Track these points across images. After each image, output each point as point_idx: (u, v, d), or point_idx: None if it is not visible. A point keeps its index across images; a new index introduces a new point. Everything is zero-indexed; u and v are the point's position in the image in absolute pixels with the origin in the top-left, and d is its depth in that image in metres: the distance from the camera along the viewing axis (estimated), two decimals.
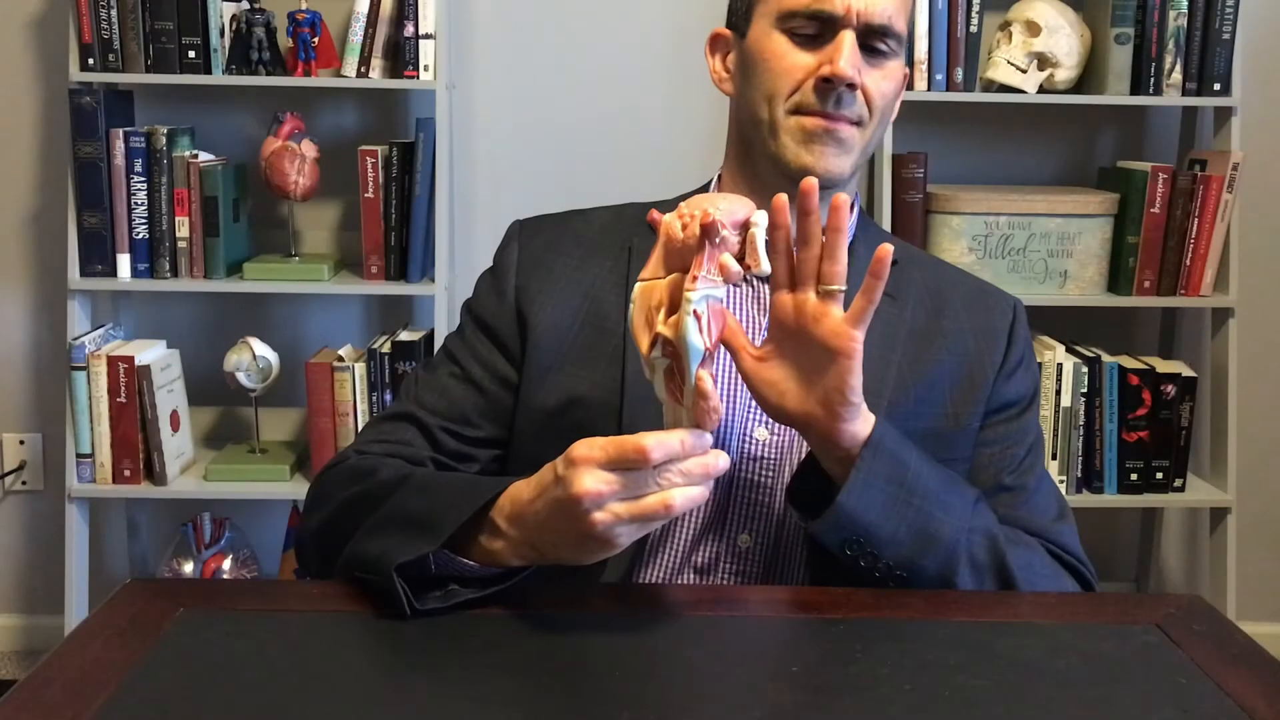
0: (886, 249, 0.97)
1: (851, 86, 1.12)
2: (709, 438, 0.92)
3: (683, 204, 0.95)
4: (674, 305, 0.92)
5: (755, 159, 1.20)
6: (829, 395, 1.00)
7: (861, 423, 1.02)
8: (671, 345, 0.91)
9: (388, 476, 1.08)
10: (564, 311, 1.21)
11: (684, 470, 0.90)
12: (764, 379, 1.02)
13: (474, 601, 0.96)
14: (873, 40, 1.14)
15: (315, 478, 1.19)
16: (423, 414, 1.20)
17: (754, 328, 1.20)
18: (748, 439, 1.16)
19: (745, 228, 0.95)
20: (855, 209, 1.25)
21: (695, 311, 0.90)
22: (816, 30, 1.14)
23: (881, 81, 1.16)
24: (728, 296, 1.20)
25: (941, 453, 1.16)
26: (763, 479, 1.16)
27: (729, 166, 1.25)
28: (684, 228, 0.93)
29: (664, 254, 0.95)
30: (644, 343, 0.93)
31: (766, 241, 1.13)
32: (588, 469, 0.89)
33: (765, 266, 0.95)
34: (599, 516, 0.89)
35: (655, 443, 0.88)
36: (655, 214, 0.96)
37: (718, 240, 0.92)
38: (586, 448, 0.90)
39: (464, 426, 1.21)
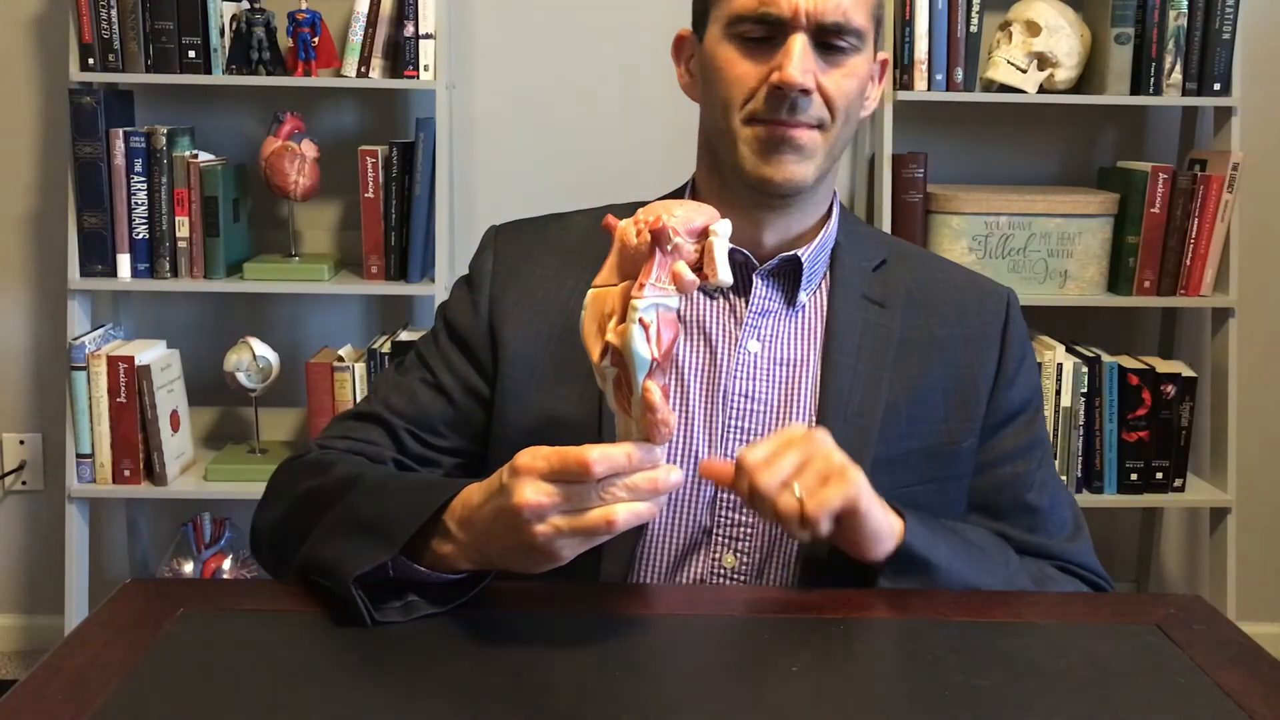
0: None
1: (806, 92, 1.08)
2: (659, 452, 0.89)
3: (641, 210, 0.91)
4: (626, 313, 0.89)
5: (722, 168, 1.16)
6: (848, 547, 1.03)
7: (887, 540, 1.03)
8: (619, 354, 0.88)
9: (343, 473, 1.06)
10: (539, 326, 1.18)
11: (630, 485, 0.87)
12: None
13: (466, 604, 0.95)
14: (828, 39, 1.09)
15: (275, 470, 1.17)
16: (389, 416, 1.18)
17: (729, 341, 1.17)
18: (730, 459, 1.13)
19: (703, 235, 0.91)
20: (835, 207, 1.22)
21: (642, 320, 0.86)
22: (767, 33, 1.09)
23: (842, 81, 1.11)
24: (706, 311, 1.18)
25: (938, 472, 1.15)
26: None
27: (700, 171, 1.22)
28: (638, 234, 0.90)
29: (618, 260, 0.91)
30: (595, 351, 0.90)
31: (732, 251, 1.11)
32: (529, 479, 0.87)
33: (723, 277, 0.90)
34: (540, 529, 0.87)
35: (598, 455, 0.86)
36: (611, 219, 0.93)
37: (670, 247, 0.88)
38: (530, 457, 0.88)
39: (430, 434, 1.19)
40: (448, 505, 0.95)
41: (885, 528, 1.02)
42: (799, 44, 1.08)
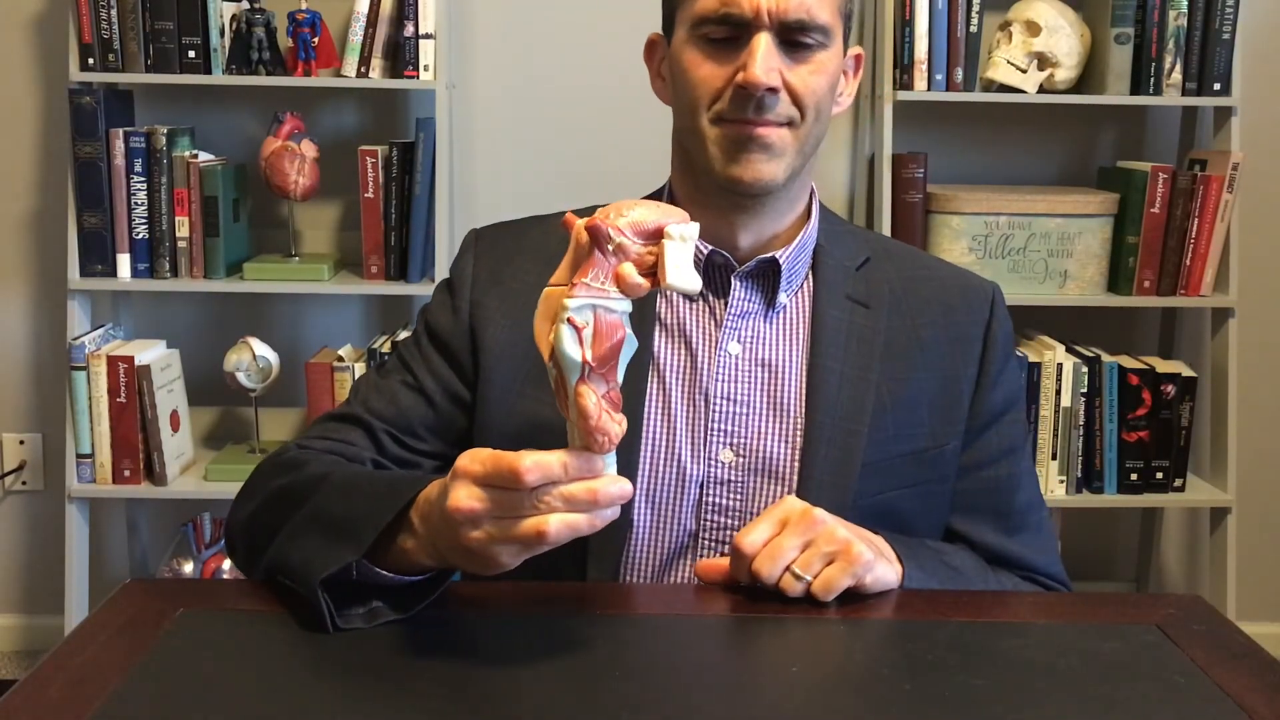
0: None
1: (773, 90, 1.07)
2: (600, 461, 0.85)
3: (600, 209, 0.88)
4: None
5: (694, 169, 1.16)
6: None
7: (887, 588, 1.03)
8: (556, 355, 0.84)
9: (314, 472, 1.05)
10: (520, 331, 1.15)
11: (566, 495, 0.84)
12: None
13: (467, 604, 0.95)
14: (793, 35, 1.08)
15: (253, 470, 1.16)
16: (369, 418, 1.17)
17: (709, 344, 1.16)
18: (714, 462, 1.14)
19: (656, 237, 0.87)
20: (815, 206, 1.21)
21: (572, 320, 0.83)
22: (730, 33, 1.08)
23: (810, 77, 1.09)
24: (686, 313, 1.17)
25: (923, 476, 1.15)
26: (731, 502, 1.14)
27: (674, 174, 1.22)
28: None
29: (572, 259, 0.87)
30: (545, 351, 0.86)
31: (712, 253, 1.10)
32: (464, 484, 0.85)
33: (674, 282, 0.85)
34: (473, 534, 0.85)
35: (531, 464, 0.82)
36: (570, 216, 0.90)
37: (611, 248, 0.85)
38: (468, 460, 0.86)
39: (410, 437, 1.18)
40: (413, 502, 0.94)
41: (886, 581, 1.03)
42: (763, 43, 1.07)
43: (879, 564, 1.01)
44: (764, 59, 1.06)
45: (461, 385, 1.19)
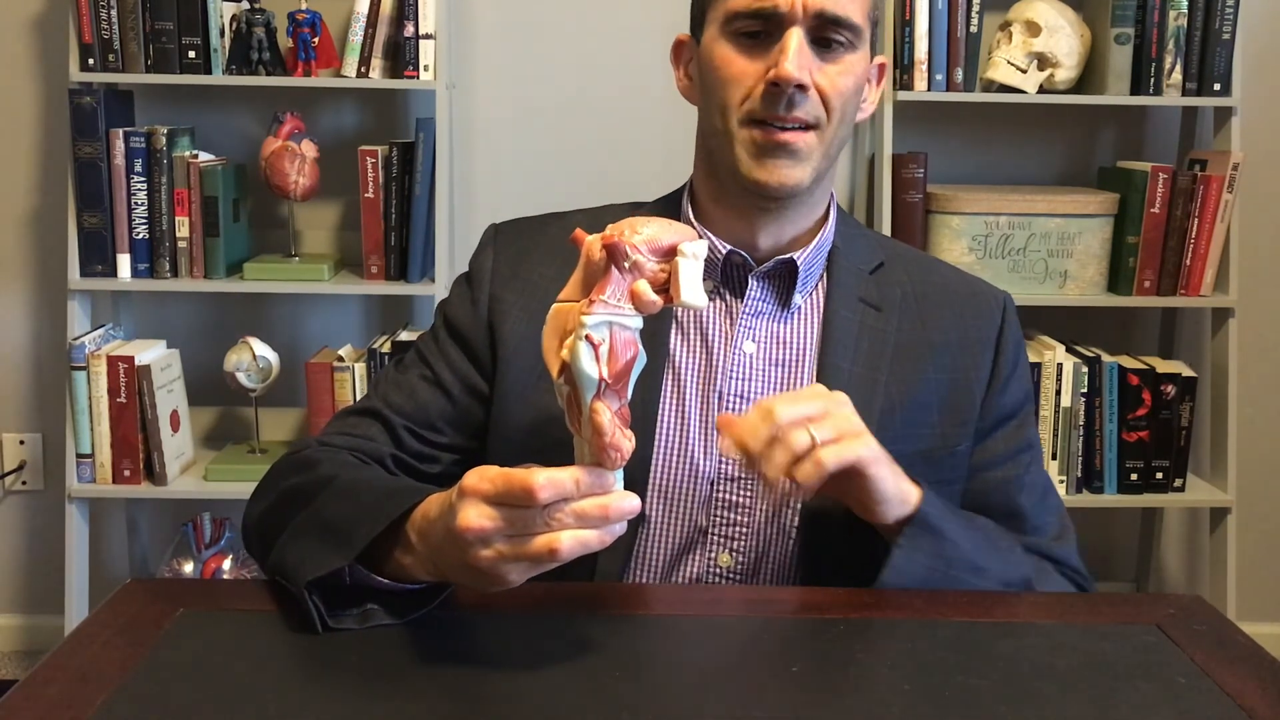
0: None
1: (802, 88, 1.08)
2: (611, 477, 0.85)
3: (612, 224, 0.88)
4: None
5: (718, 169, 1.16)
6: (859, 509, 1.05)
7: (898, 505, 1.04)
8: (570, 372, 0.84)
9: (323, 473, 1.05)
10: (537, 325, 1.14)
11: (578, 511, 0.84)
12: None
13: (467, 603, 0.95)
14: (825, 32, 1.09)
15: (270, 467, 1.16)
16: (388, 413, 1.18)
17: (725, 342, 1.17)
18: (724, 459, 1.14)
19: (670, 254, 0.87)
20: (833, 210, 1.22)
21: (590, 337, 0.83)
22: (763, 28, 1.09)
23: (838, 78, 1.10)
24: (703, 312, 1.17)
25: (930, 475, 1.14)
26: (741, 499, 1.14)
27: (697, 174, 1.23)
28: (600, 249, 0.87)
29: (583, 275, 0.87)
30: (554, 368, 0.86)
31: (730, 252, 1.09)
32: (473, 502, 0.85)
33: (688, 298, 0.86)
34: (483, 553, 0.85)
35: (544, 481, 0.82)
36: (579, 232, 0.90)
37: (628, 265, 0.85)
38: (476, 478, 0.85)
39: (429, 431, 1.19)
40: (409, 514, 0.94)
41: (896, 493, 1.03)
42: (795, 39, 1.08)
43: (886, 466, 1.02)
44: (796, 54, 1.07)
45: (479, 378, 1.20)
